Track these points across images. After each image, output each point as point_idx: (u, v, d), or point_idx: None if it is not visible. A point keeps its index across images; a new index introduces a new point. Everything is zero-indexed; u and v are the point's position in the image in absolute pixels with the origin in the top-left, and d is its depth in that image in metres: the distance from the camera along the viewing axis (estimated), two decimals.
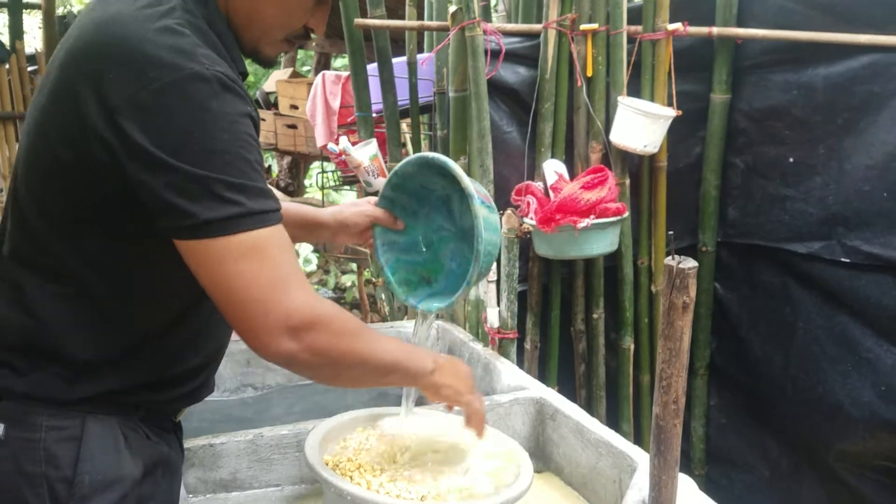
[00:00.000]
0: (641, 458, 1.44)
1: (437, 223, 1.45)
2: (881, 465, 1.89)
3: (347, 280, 5.13)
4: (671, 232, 1.25)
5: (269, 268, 0.96)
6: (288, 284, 0.98)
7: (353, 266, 5.22)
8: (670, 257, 1.08)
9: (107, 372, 1.05)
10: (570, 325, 2.36)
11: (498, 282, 2.07)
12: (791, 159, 1.96)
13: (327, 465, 1.26)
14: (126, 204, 0.97)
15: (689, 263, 1.06)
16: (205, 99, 0.93)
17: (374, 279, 2.53)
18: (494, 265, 2.01)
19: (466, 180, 1.26)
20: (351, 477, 1.24)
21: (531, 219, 2.01)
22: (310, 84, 3.45)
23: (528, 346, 2.36)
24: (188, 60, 0.92)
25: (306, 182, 5.85)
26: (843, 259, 1.85)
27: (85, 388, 1.04)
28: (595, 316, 2.30)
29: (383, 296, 2.56)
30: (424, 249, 1.46)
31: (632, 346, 2.30)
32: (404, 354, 1.19)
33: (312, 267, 5.46)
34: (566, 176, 2.06)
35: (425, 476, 1.29)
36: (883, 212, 1.77)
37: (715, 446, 2.34)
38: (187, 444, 1.44)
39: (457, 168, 1.28)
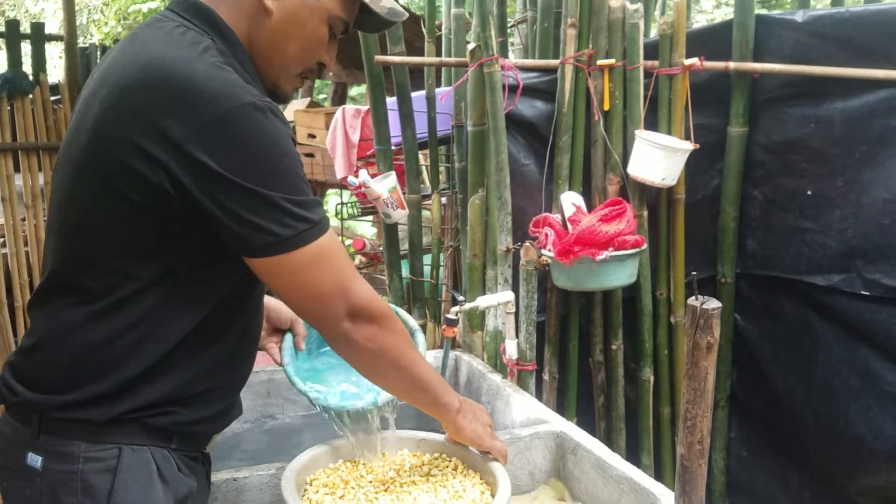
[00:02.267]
0: (664, 495, 1.43)
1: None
2: None
3: None
4: (694, 273, 1.25)
5: (336, 269, 1.10)
6: (352, 281, 1.12)
7: None
8: (694, 297, 1.09)
9: (143, 386, 1.08)
10: (589, 356, 2.36)
11: (517, 313, 2.08)
12: (809, 192, 1.96)
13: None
14: (186, 228, 1.04)
15: (713, 304, 1.07)
16: (264, 126, 1.02)
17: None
18: (512, 296, 2.03)
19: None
20: None
21: (549, 250, 2.02)
22: (327, 114, 3.49)
23: (546, 377, 2.36)
24: (241, 91, 1.01)
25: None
26: (862, 292, 1.85)
27: (122, 405, 1.07)
28: (614, 347, 2.30)
29: None
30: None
31: (651, 378, 2.29)
32: (438, 382, 1.31)
33: None
34: (584, 208, 2.08)
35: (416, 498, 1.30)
36: None
37: (736, 479, 2.32)
38: (212, 479, 1.46)
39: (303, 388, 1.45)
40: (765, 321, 2.16)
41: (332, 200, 6.30)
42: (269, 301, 1.46)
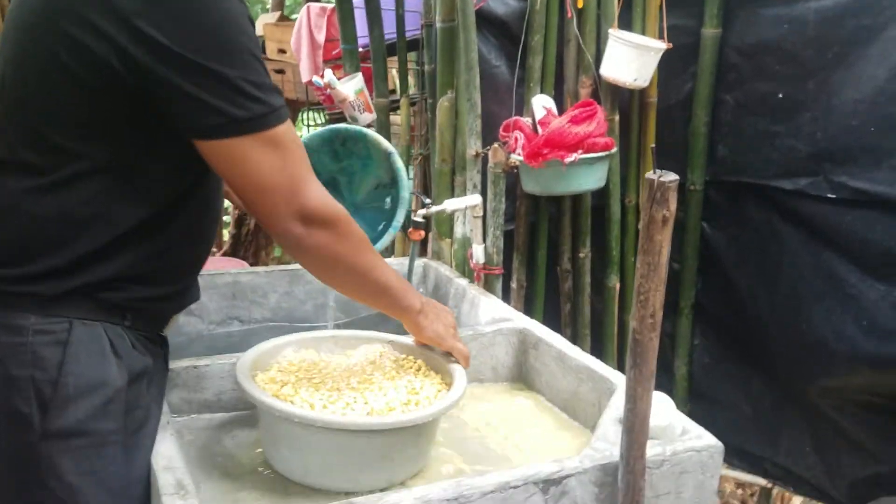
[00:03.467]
0: (620, 382, 1.45)
1: None
2: (862, 399, 1.91)
3: None
4: (653, 146, 1.23)
5: (290, 161, 1.05)
6: (308, 178, 1.08)
7: None
8: (651, 171, 1.07)
9: (96, 263, 1.06)
10: (557, 264, 2.36)
11: (484, 217, 2.06)
12: (780, 95, 1.94)
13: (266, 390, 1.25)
14: (136, 109, 1.00)
15: (670, 177, 1.06)
16: (218, 1, 0.96)
17: None
18: (480, 200, 2.01)
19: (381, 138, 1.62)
20: (292, 402, 1.24)
21: (519, 154, 2.00)
22: None
23: (514, 285, 2.37)
24: None
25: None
26: (829, 195, 1.85)
27: (73, 280, 1.05)
28: (581, 255, 2.30)
29: None
30: None
31: (617, 286, 2.31)
32: (398, 284, 1.28)
33: None
34: (555, 111, 2.05)
35: (368, 393, 1.29)
36: (870, 147, 1.76)
37: (698, 385, 2.35)
38: (171, 365, 1.45)
39: (373, 133, 1.61)
40: (732, 228, 2.16)
41: (303, 116, 6.19)
42: None
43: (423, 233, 1.94)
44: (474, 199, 1.97)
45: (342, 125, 1.75)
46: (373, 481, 1.21)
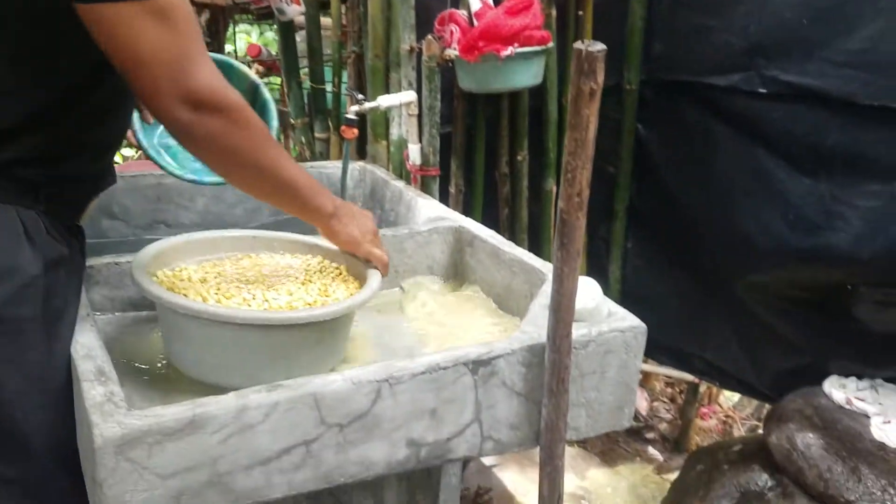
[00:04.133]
0: (551, 272, 1.46)
1: None
2: (787, 293, 1.97)
3: None
4: (585, 41, 1.18)
5: (179, 36, 0.97)
6: (197, 58, 0.99)
7: None
8: (579, 41, 1.05)
9: (5, 142, 1.01)
10: (495, 168, 2.34)
11: (420, 116, 2.02)
12: None
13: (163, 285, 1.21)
14: None
15: (598, 46, 1.03)
16: None
17: (292, 120, 2.45)
18: (415, 97, 1.96)
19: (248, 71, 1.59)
20: (185, 295, 1.19)
21: (454, 48, 1.95)
22: None
23: (452, 190, 2.34)
24: None
25: (228, 47, 5.57)
26: (760, 90, 1.85)
27: None
28: (519, 158, 2.29)
29: (302, 138, 2.48)
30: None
31: (554, 189, 2.30)
32: (306, 183, 1.19)
33: None
34: (491, 3, 1.98)
35: (271, 293, 1.25)
36: (801, 39, 1.75)
37: (630, 287, 2.39)
38: (92, 262, 1.41)
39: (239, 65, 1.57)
40: (666, 129, 2.16)
41: (239, 38, 5.96)
42: None
43: (356, 131, 1.90)
44: (409, 95, 1.92)
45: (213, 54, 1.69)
46: (270, 381, 1.14)
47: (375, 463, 1.13)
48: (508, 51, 1.86)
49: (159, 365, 1.28)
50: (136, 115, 1.44)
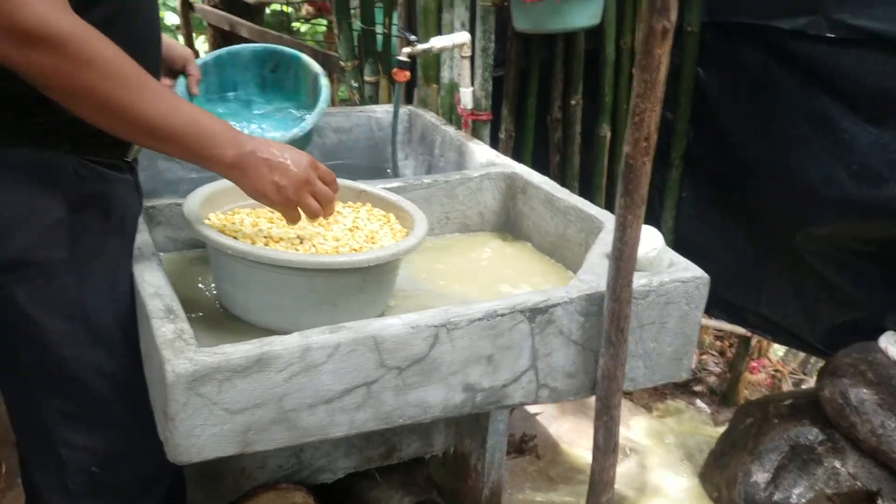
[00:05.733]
0: (608, 219, 1.44)
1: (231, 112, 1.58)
2: (847, 246, 1.92)
3: None
4: None
5: None
6: None
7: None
8: None
9: (14, 84, 0.94)
10: (547, 113, 2.30)
11: (472, 58, 1.98)
12: None
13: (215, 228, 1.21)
14: None
15: None
16: None
17: (342, 63, 2.42)
18: (468, 38, 1.92)
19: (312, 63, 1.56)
20: (235, 237, 1.19)
21: None
22: None
23: (502, 135, 2.31)
24: None
25: None
26: (827, 34, 1.77)
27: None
28: (573, 103, 2.24)
29: (352, 82, 2.46)
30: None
31: (608, 135, 2.25)
32: (192, 130, 1.00)
33: None
34: None
35: (318, 238, 1.25)
36: None
37: (683, 237, 2.35)
38: (152, 202, 1.42)
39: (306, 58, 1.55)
40: (727, 73, 2.09)
41: None
42: (164, 39, 1.29)
43: (408, 73, 1.87)
44: (462, 36, 1.88)
45: (279, 46, 1.61)
46: (314, 325, 1.11)
47: (433, 406, 1.14)
48: None
49: (215, 305, 1.30)
50: (181, 87, 1.42)
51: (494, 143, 2.18)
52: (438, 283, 1.44)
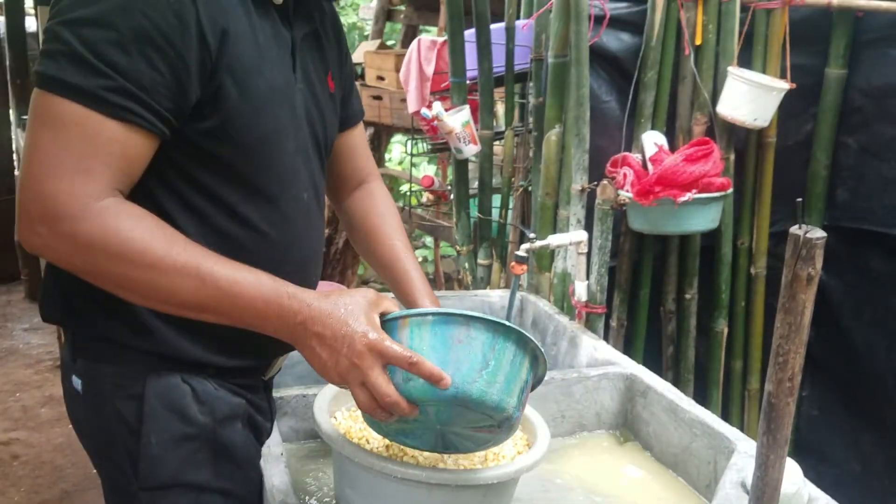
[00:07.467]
0: (739, 439, 1.38)
1: None
2: None
3: (420, 255, 5.12)
4: (800, 199, 1.14)
5: (57, 147, 0.84)
6: (63, 171, 0.84)
7: (428, 241, 5.22)
8: (797, 226, 1.02)
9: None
10: (660, 304, 2.30)
11: (589, 254, 2.02)
12: None
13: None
14: None
15: (818, 233, 1.00)
16: None
17: (458, 247, 2.51)
18: (586, 236, 1.97)
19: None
20: (367, 441, 1.19)
21: (627, 191, 1.95)
22: (397, 56, 3.43)
23: (614, 323, 2.31)
24: None
25: (386, 156, 5.87)
26: None
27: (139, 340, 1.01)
28: (688, 297, 2.23)
29: (466, 265, 2.54)
30: None
31: (725, 330, 2.22)
32: (225, 300, 0.90)
33: None
34: (667, 148, 1.99)
35: None
36: None
37: (805, 439, 2.24)
38: (281, 393, 1.46)
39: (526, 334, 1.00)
40: (849, 276, 2.06)
41: (396, 148, 6.28)
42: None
43: (525, 267, 1.91)
44: (580, 234, 1.93)
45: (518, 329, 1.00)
46: None
47: None
48: (686, 197, 1.84)
49: (326, 500, 1.29)
50: None
51: (606, 331, 2.18)
52: (554, 496, 1.40)
